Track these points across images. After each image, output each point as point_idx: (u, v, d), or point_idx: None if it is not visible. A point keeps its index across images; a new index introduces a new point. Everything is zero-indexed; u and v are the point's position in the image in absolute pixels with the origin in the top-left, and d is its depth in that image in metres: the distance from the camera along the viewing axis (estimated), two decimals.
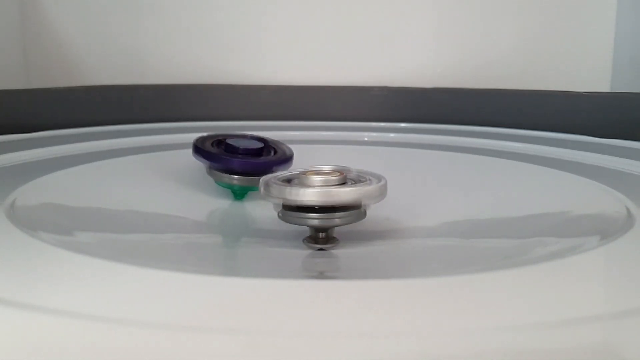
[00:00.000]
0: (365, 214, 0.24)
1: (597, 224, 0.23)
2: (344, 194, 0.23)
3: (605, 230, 0.22)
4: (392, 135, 0.46)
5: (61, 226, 0.23)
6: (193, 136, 0.43)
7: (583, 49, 0.53)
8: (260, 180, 0.24)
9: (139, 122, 0.48)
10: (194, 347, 0.12)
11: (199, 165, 0.32)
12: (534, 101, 0.48)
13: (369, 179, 0.24)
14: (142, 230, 0.27)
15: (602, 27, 0.52)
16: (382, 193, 0.23)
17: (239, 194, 0.31)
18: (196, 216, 0.29)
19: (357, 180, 0.24)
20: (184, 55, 0.55)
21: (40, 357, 0.11)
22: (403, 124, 0.49)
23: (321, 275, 0.22)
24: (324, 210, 0.23)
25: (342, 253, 0.26)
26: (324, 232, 0.24)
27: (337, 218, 0.23)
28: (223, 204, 0.31)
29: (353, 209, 0.23)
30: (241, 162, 0.29)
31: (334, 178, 0.23)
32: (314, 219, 0.23)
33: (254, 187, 0.29)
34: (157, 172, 0.33)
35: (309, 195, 0.22)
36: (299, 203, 0.23)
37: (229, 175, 0.29)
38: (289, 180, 0.25)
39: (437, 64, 0.54)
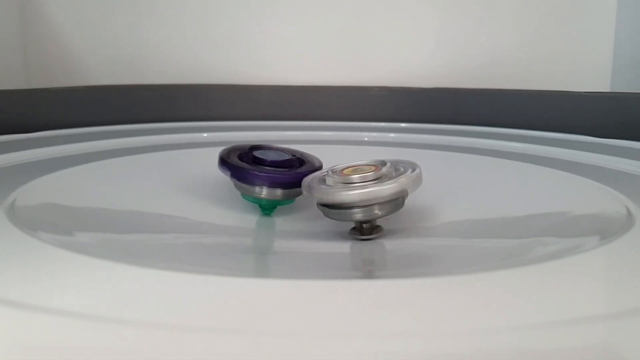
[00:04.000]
0: (403, 202, 0.25)
1: (597, 224, 0.23)
2: (383, 191, 0.24)
3: (605, 230, 0.22)
4: (392, 135, 0.46)
5: (61, 226, 0.23)
6: (193, 136, 0.44)
7: (583, 49, 0.53)
8: (302, 182, 0.26)
9: (139, 122, 0.48)
10: (194, 347, 0.12)
11: (196, 162, 0.32)
12: (534, 101, 0.48)
13: (404, 169, 0.25)
14: (142, 230, 0.27)
15: (602, 27, 0.52)
16: (417, 182, 0.25)
17: (267, 208, 0.30)
18: (196, 215, 0.29)
19: (393, 171, 0.25)
20: (184, 55, 0.55)
21: (40, 357, 0.11)
22: (403, 124, 0.49)
23: (320, 276, 0.22)
24: (365, 205, 0.24)
25: (339, 252, 0.26)
26: (367, 223, 0.26)
27: (377, 210, 0.25)
28: (223, 202, 0.31)
29: (392, 202, 0.25)
30: (269, 176, 0.28)
31: (370, 174, 0.25)
32: (357, 214, 0.25)
33: (282, 201, 0.29)
34: (157, 172, 0.33)
35: (351, 197, 0.24)
36: (343, 205, 0.24)
37: (257, 188, 0.28)
38: (328, 180, 0.26)
39: (437, 64, 0.54)
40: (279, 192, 0.28)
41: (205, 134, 0.45)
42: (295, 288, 0.15)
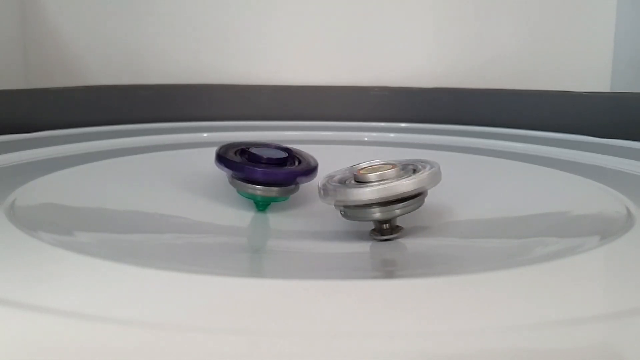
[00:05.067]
0: (423, 200, 0.25)
1: (597, 224, 0.23)
2: (402, 187, 0.23)
3: (605, 230, 0.22)
4: (392, 135, 0.46)
5: (61, 226, 0.23)
6: (193, 136, 0.44)
7: (583, 49, 0.53)
8: (318, 184, 0.26)
9: (139, 122, 0.48)
10: (194, 347, 0.12)
11: (196, 162, 0.32)
12: (534, 101, 0.48)
13: (422, 166, 0.25)
14: (142, 230, 0.27)
15: (602, 27, 0.52)
16: (436, 179, 0.24)
17: (262, 204, 0.30)
18: (195, 215, 0.29)
19: (411, 169, 0.25)
20: (184, 55, 0.55)
21: (40, 357, 0.11)
22: (403, 124, 0.49)
23: (320, 276, 0.22)
24: (384, 203, 0.24)
25: (339, 252, 0.26)
26: (387, 224, 0.25)
27: (397, 209, 0.24)
28: (221, 201, 0.31)
29: (412, 198, 0.24)
30: (264, 172, 0.28)
31: (388, 172, 0.24)
32: (376, 213, 0.24)
33: (277, 198, 0.29)
34: (157, 172, 0.33)
35: (369, 194, 0.23)
36: (360, 203, 0.24)
37: (252, 185, 0.28)
38: (344, 180, 0.25)
39: (437, 64, 0.54)
40: (273, 189, 0.28)
41: (205, 134, 0.45)
42: (294, 288, 0.15)
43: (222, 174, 0.29)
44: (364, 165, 0.26)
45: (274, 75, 0.54)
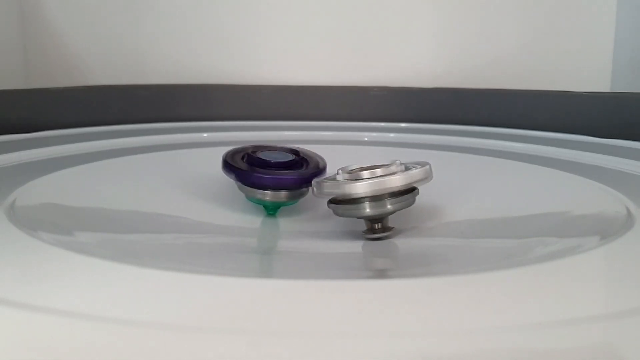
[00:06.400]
0: (414, 199, 0.25)
1: (597, 224, 0.23)
2: (392, 182, 0.24)
3: (605, 230, 0.22)
4: (392, 135, 0.46)
5: (61, 226, 0.23)
6: (193, 136, 0.44)
7: (583, 49, 0.53)
8: (312, 182, 0.26)
9: (139, 122, 0.48)
10: (194, 347, 0.12)
11: (196, 162, 0.32)
12: (534, 101, 0.48)
13: (414, 166, 0.25)
14: (142, 230, 0.27)
15: (602, 27, 0.52)
16: (427, 176, 0.25)
17: (271, 209, 0.30)
18: (197, 215, 0.29)
19: (403, 167, 0.25)
20: (184, 55, 0.55)
21: (40, 357, 0.11)
22: (403, 124, 0.49)
23: (320, 276, 0.22)
24: (375, 200, 0.25)
25: (341, 252, 0.26)
26: (379, 222, 0.26)
27: (388, 204, 0.25)
28: (226, 202, 0.31)
29: (402, 195, 0.25)
30: (274, 179, 0.28)
31: (379, 170, 0.25)
32: (366, 208, 0.25)
33: (286, 203, 0.29)
34: (157, 172, 0.33)
35: (360, 188, 0.24)
36: (352, 196, 0.24)
37: (261, 191, 0.28)
38: (336, 178, 0.26)
39: (437, 64, 0.54)
40: (283, 194, 0.28)
41: (205, 134, 0.45)
42: (295, 288, 0.15)
43: (223, 174, 0.29)
44: (356, 167, 0.26)
45: (274, 75, 0.54)
